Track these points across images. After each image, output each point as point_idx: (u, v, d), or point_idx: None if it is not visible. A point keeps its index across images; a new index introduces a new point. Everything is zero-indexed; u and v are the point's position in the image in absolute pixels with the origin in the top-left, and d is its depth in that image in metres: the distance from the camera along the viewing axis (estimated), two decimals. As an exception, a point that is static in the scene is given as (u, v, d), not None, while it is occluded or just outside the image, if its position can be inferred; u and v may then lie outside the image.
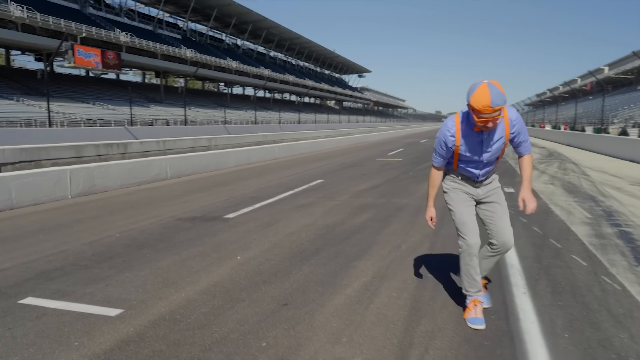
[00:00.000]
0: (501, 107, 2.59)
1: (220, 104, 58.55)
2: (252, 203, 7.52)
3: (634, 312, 3.17)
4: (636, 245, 4.93)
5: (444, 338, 2.79)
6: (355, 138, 31.55)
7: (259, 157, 15.56)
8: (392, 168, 13.47)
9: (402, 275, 3.95)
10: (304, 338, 2.81)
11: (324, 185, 9.80)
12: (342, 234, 5.46)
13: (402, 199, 7.88)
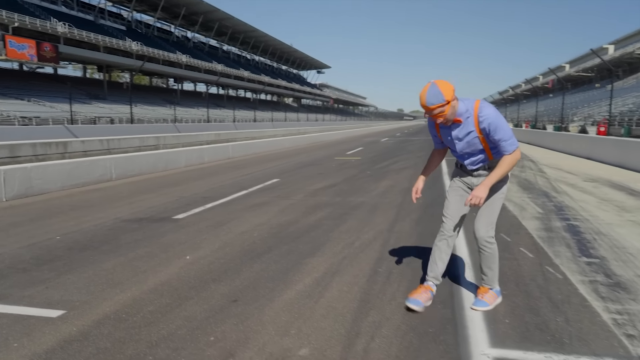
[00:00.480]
0: (440, 105, 2.95)
1: (170, 101, 57.65)
2: (203, 203, 7.60)
3: (571, 298, 3.50)
4: (582, 237, 5.34)
5: (391, 327, 3.02)
6: (314, 137, 31.83)
7: (211, 156, 15.55)
8: (351, 167, 13.77)
9: (354, 270, 4.16)
10: (252, 332, 2.97)
11: (279, 184, 9.96)
12: (295, 232, 5.64)
13: (359, 198, 8.14)
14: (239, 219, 6.43)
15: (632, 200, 7.81)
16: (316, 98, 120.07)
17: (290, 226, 5.96)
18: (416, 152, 20.07)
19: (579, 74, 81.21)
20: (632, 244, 5.02)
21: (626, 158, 13.13)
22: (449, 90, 2.96)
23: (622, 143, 14.37)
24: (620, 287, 3.74)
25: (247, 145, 19.10)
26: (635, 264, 4.34)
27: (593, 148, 16.15)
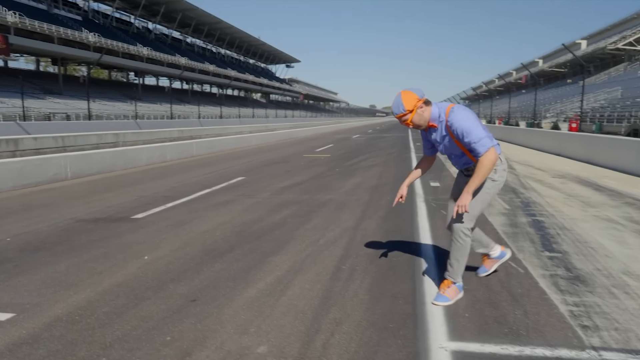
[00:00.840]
0: (402, 115, 3.41)
1: (131, 96, 56.66)
2: (164, 202, 7.57)
3: (531, 292, 3.67)
4: (546, 232, 5.56)
5: (351, 323, 3.11)
6: (283, 133, 31.86)
7: (174, 154, 15.42)
8: (319, 164, 13.87)
9: (317, 268, 4.25)
10: (210, 331, 3.02)
11: (245, 182, 9.98)
12: (259, 230, 5.70)
13: (326, 195, 8.24)
14: (201, 218, 6.45)
15: (598, 195, 8.13)
16: (285, 93, 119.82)
17: (254, 225, 6.01)
18: (387, 149, 20.32)
19: (552, 69, 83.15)
20: (593, 239, 5.26)
21: (594, 154, 13.62)
22: (411, 100, 3.36)
23: (591, 139, 14.90)
24: (579, 280, 3.94)
25: (212, 143, 19.01)
26: (595, 258, 4.55)
27: (563, 144, 16.68)
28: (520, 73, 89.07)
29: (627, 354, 2.71)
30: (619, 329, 3.02)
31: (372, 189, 9.03)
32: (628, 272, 4.12)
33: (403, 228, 5.80)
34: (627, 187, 8.99)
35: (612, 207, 7.13)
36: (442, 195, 8.09)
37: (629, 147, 12.03)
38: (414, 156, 16.80)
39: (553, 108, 57.02)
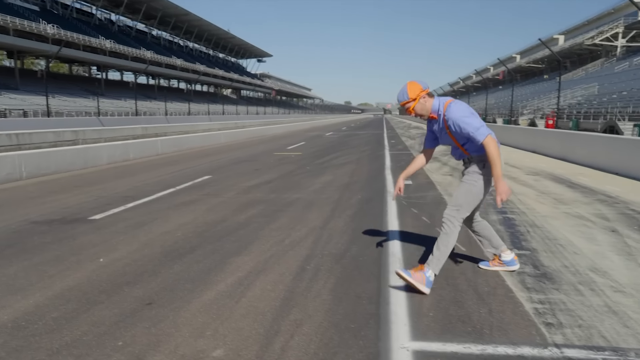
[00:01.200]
0: (406, 102, 3.80)
1: (93, 91, 55.63)
2: (124, 203, 7.47)
3: (497, 290, 3.74)
4: (515, 230, 5.68)
5: (312, 324, 3.13)
6: (253, 131, 31.75)
7: (138, 152, 15.22)
8: (289, 162, 13.87)
9: (281, 268, 4.25)
10: (165, 335, 3.00)
11: (211, 182, 9.92)
12: (222, 231, 5.67)
13: (294, 194, 8.25)
14: (162, 218, 6.38)
15: (570, 192, 8.33)
16: (257, 89, 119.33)
17: (218, 225, 5.98)
18: (360, 147, 20.44)
19: (530, 65, 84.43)
20: (563, 235, 5.39)
21: (569, 151, 13.95)
22: (415, 89, 3.76)
23: (565, 136, 15.25)
24: (546, 277, 4.03)
25: (179, 140, 18.82)
26: (563, 255, 4.67)
27: (538, 141, 17.02)
28: (498, 69, 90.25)
29: (588, 350, 2.78)
30: (583, 325, 3.11)
31: (343, 187, 9.07)
32: (595, 269, 4.24)
33: (372, 227, 5.84)
34: (600, 184, 9.22)
35: (583, 204, 7.31)
36: (414, 193, 8.17)
37: (602, 143, 12.36)
38: (388, 153, 16.93)
39: (530, 104, 57.92)
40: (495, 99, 75.43)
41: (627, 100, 37.94)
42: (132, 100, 54.55)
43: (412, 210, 6.84)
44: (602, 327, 3.08)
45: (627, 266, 4.33)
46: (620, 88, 43.26)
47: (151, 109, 57.19)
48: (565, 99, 50.29)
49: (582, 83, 55.63)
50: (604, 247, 4.96)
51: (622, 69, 52.62)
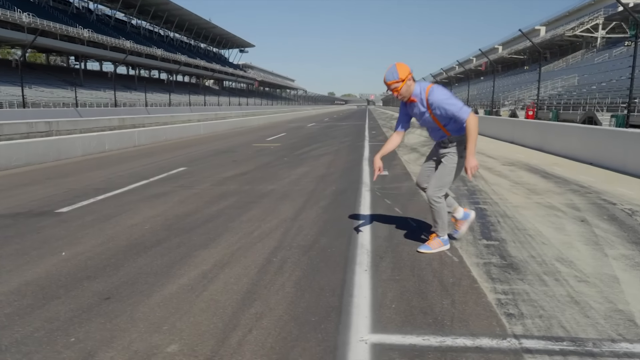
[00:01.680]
0: (394, 82, 3.99)
1: (71, 82, 54.74)
2: (94, 195, 7.34)
3: (462, 281, 3.73)
4: (486, 220, 5.69)
5: (272, 318, 3.09)
6: (235, 122, 31.52)
7: (114, 144, 14.99)
8: (268, 154, 13.79)
9: (247, 261, 4.20)
10: (120, 330, 2.94)
11: (186, 173, 9.81)
12: (192, 223, 5.59)
13: (269, 185, 8.19)
14: (131, 210, 6.28)
15: (544, 183, 8.39)
16: (239, 80, 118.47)
17: (188, 217, 5.90)
18: (340, 138, 20.41)
19: (512, 56, 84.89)
20: (532, 225, 5.41)
21: (545, 141, 14.07)
22: (404, 71, 3.98)
23: (542, 126, 15.36)
24: (512, 267, 4.03)
25: (157, 132, 18.60)
26: (531, 245, 4.68)
27: (516, 132, 17.14)
28: (480, 60, 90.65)
29: (547, 341, 2.78)
30: (544, 316, 3.11)
31: (319, 178, 9.03)
32: (561, 259, 4.26)
33: (343, 218, 5.81)
34: (573, 174, 9.31)
35: (556, 194, 7.36)
36: (389, 184, 8.16)
37: (578, 134, 12.47)
38: (367, 144, 16.92)
39: (511, 95, 58.29)
40: (477, 90, 75.82)
41: (605, 92, 38.39)
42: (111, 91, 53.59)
43: (386, 201, 6.82)
44: (562, 318, 3.08)
45: (593, 256, 4.36)
46: (600, 79, 43.73)
47: (131, 99, 56.49)
48: (545, 90, 50.74)
49: (563, 74, 56.12)
50: (572, 237, 4.99)
51: (602, 60, 53.13)
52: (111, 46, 61.82)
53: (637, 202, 6.69)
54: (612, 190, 7.66)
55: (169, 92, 65.19)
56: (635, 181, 8.59)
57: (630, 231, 5.20)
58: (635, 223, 5.55)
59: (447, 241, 4.50)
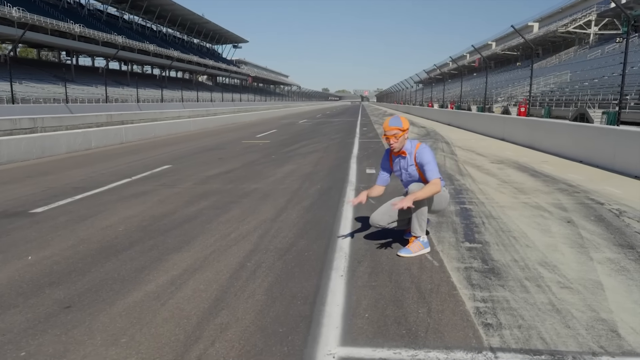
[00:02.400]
0: (397, 128, 4.31)
1: (63, 77, 54.22)
2: (73, 194, 7.15)
3: (441, 287, 3.58)
4: (471, 221, 5.54)
5: (238, 329, 2.92)
6: (226, 118, 31.28)
7: (100, 141, 14.74)
8: (256, 151, 13.61)
9: (219, 265, 4.03)
10: (75, 343, 2.76)
11: (170, 171, 9.62)
12: (169, 224, 5.42)
13: (253, 184, 8.02)
14: (108, 211, 6.09)
15: (532, 181, 8.26)
16: (233, 76, 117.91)
17: (165, 218, 5.73)
18: (331, 135, 20.25)
19: (505, 52, 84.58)
20: (517, 227, 5.27)
21: (535, 138, 13.94)
22: (405, 123, 4.36)
23: (532, 123, 15.24)
24: (493, 273, 3.89)
25: (145, 128, 18.34)
26: (515, 248, 4.54)
27: (507, 129, 17.02)
28: (473, 56, 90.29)
29: (524, 354, 2.63)
30: (523, 326, 2.96)
31: (305, 177, 8.87)
32: (544, 263, 4.12)
33: (325, 219, 5.65)
34: (562, 173, 9.18)
35: (543, 193, 7.23)
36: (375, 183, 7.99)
37: (567, 131, 12.34)
38: (357, 141, 16.76)
39: (504, 92, 58.07)
40: (470, 86, 75.61)
41: (597, 88, 38.27)
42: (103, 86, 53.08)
43: (370, 200, 6.66)
44: (542, 328, 2.94)
45: (578, 259, 4.23)
46: (592, 75, 43.59)
47: (123, 95, 56.03)
48: (538, 86, 50.57)
49: (555, 71, 55.94)
50: (557, 239, 4.86)
51: (594, 57, 52.99)
52: (103, 41, 61.25)
53: (625, 202, 6.57)
54: (600, 189, 7.54)
55: (162, 88, 64.69)
56: (623, 179, 8.48)
57: (616, 233, 5.07)
58: (622, 224, 5.43)
59: (427, 244, 4.43)
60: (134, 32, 77.31)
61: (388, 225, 4.56)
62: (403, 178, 4.58)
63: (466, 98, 63.38)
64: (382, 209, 4.62)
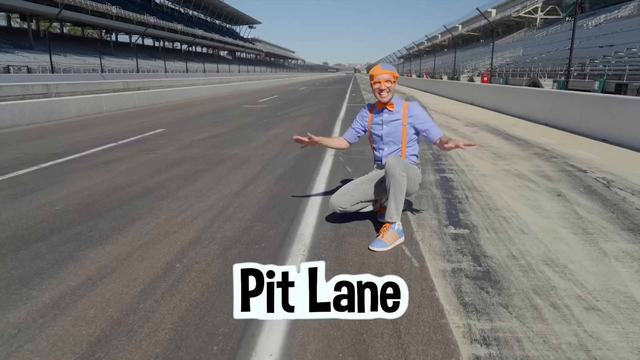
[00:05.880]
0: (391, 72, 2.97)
1: (103, 52, 51.14)
2: (44, 161, 5.54)
3: (422, 312, 2.03)
4: (453, 195, 3.97)
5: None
6: (236, 85, 29.15)
7: (113, 105, 12.92)
8: (252, 114, 11.87)
9: (139, 269, 2.48)
10: None
11: (160, 135, 7.96)
12: (118, 200, 3.83)
13: (234, 149, 6.40)
14: (61, 183, 4.49)
15: (507, 145, 6.65)
16: (249, 51, 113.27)
17: (120, 191, 4.13)
18: (323, 100, 18.39)
19: (469, 33, 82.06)
20: (505, 203, 3.71)
21: (501, 103, 12.21)
22: (395, 73, 3.01)
23: (498, 89, 13.47)
24: (490, 280, 2.35)
25: (158, 94, 16.43)
26: (508, 235, 2.99)
27: (476, 95, 15.20)
28: (445, 36, 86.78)
29: None
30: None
31: (287, 141, 7.23)
32: (550, 261, 2.58)
33: (293, 192, 4.07)
34: (534, 136, 7.56)
35: (522, 158, 5.65)
36: (355, 147, 6.37)
37: (534, 97, 10.62)
38: (345, 106, 14.96)
39: (469, 65, 56.41)
40: (442, 61, 72.80)
41: (545, 61, 36.39)
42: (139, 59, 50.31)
43: (347, 169, 5.08)
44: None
45: (589, 254, 2.68)
46: (540, 51, 41.89)
47: (154, 66, 53.11)
48: (496, 60, 48.18)
49: (510, 48, 53.77)
50: (554, 220, 3.30)
51: (541, 37, 51.46)
52: (137, 21, 57.60)
53: (607, 170, 5.00)
54: (575, 154, 5.95)
55: (187, 60, 61.49)
56: (592, 143, 6.89)
57: (617, 211, 3.51)
58: (617, 198, 3.86)
59: (402, 232, 2.86)
60: (164, 13, 73.13)
61: (352, 207, 3.04)
62: (378, 132, 3.11)
63: (438, 70, 61.25)
64: (342, 189, 3.09)
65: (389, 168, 2.76)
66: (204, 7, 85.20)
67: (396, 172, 2.73)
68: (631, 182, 4.43)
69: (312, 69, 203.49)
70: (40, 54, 39.26)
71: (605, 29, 38.33)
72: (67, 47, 44.99)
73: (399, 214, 2.82)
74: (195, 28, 76.26)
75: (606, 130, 7.12)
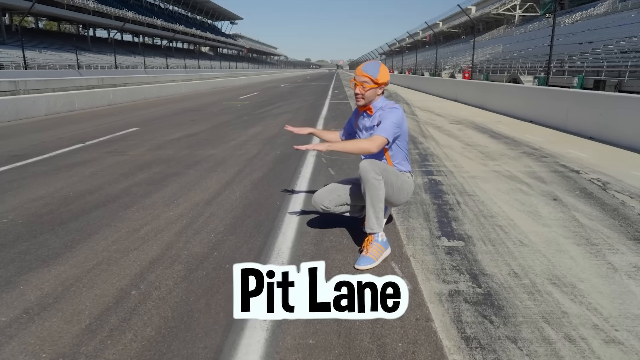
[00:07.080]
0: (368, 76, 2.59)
1: (80, 47, 49.67)
2: (2, 165, 5.06)
3: (418, 351, 1.72)
4: (443, 200, 3.67)
5: None
6: (218, 82, 28.49)
7: (85, 103, 12.28)
8: (231, 112, 11.43)
9: (87, 297, 2.10)
10: None
11: (133, 134, 7.49)
12: (74, 210, 3.42)
13: (210, 150, 6.00)
14: (18, 189, 4.05)
15: (495, 144, 6.41)
16: (230, 47, 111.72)
17: (79, 200, 3.72)
18: (305, 97, 18.00)
19: (450, 29, 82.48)
20: (499, 209, 3.43)
21: (485, 100, 12.03)
22: (384, 76, 2.61)
23: (482, 86, 13.30)
24: (492, 305, 2.05)
25: (134, 91, 15.78)
26: (507, 247, 2.70)
27: (459, 91, 15.01)
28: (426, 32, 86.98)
29: None
30: None
31: (267, 140, 6.86)
32: (557, 279, 2.30)
33: (272, 200, 3.71)
34: (520, 134, 7.35)
35: (511, 158, 5.40)
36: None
37: (518, 93, 10.46)
38: (327, 103, 14.62)
39: (450, 61, 56.51)
40: (423, 57, 72.96)
41: (525, 58, 36.61)
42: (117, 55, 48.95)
43: (330, 171, 4.74)
44: None
45: (598, 270, 2.41)
46: (519, 48, 42.18)
47: (133, 62, 51.72)
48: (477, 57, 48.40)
49: (490, 44, 54.03)
50: (554, 229, 3.03)
51: (520, 33, 51.99)
52: (115, 16, 56.09)
53: (600, 170, 4.78)
54: (565, 152, 5.74)
55: (167, 57, 60.19)
56: (580, 141, 6.71)
57: (619, 217, 3.26)
58: (616, 202, 3.62)
59: (387, 243, 2.56)
60: (143, 8, 71.35)
61: (336, 208, 2.75)
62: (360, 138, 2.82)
63: (420, 66, 61.21)
64: (329, 187, 2.82)
65: (361, 172, 2.46)
66: (185, 3, 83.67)
67: (370, 175, 2.42)
68: (627, 183, 4.21)
69: (295, 65, 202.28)
70: (13, 49, 37.75)
71: (582, 26, 38.84)
72: (42, 43, 43.49)
73: (380, 224, 2.50)
74: (176, 23, 74.82)
75: (594, 127, 6.95)
